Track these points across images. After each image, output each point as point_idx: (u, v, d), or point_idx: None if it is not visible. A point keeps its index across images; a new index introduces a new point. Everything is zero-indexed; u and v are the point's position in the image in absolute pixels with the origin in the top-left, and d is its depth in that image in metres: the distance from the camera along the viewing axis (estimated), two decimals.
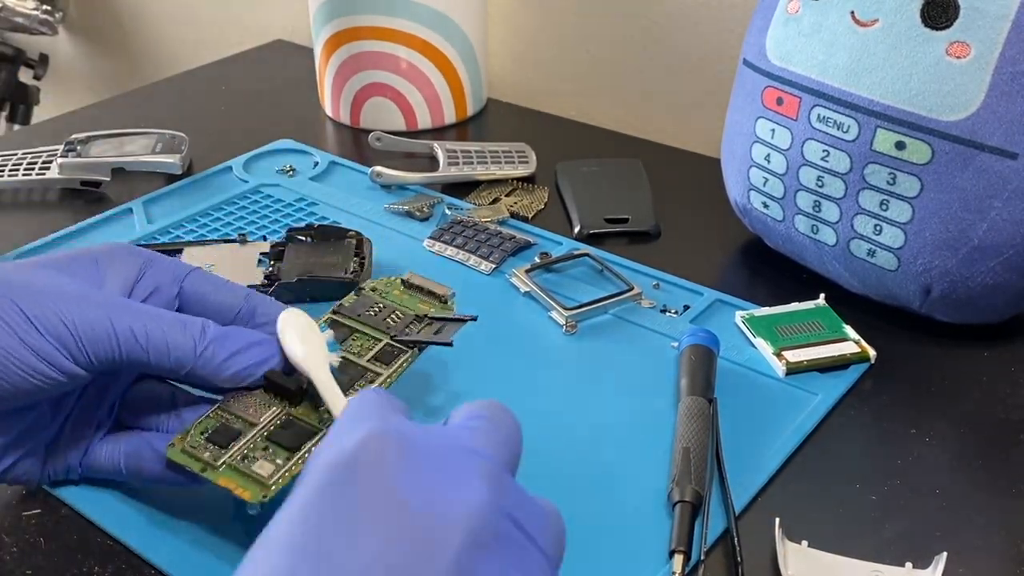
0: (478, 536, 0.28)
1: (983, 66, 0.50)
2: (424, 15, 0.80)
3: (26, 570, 0.42)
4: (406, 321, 0.48)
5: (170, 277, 0.46)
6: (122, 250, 0.45)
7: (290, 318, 0.45)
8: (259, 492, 0.40)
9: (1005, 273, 0.53)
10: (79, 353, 0.40)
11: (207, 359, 0.42)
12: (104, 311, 0.41)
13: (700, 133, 0.86)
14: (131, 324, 0.41)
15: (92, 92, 1.45)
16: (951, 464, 0.49)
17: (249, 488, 0.40)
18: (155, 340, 0.41)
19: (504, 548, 0.28)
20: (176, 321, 0.42)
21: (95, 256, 0.44)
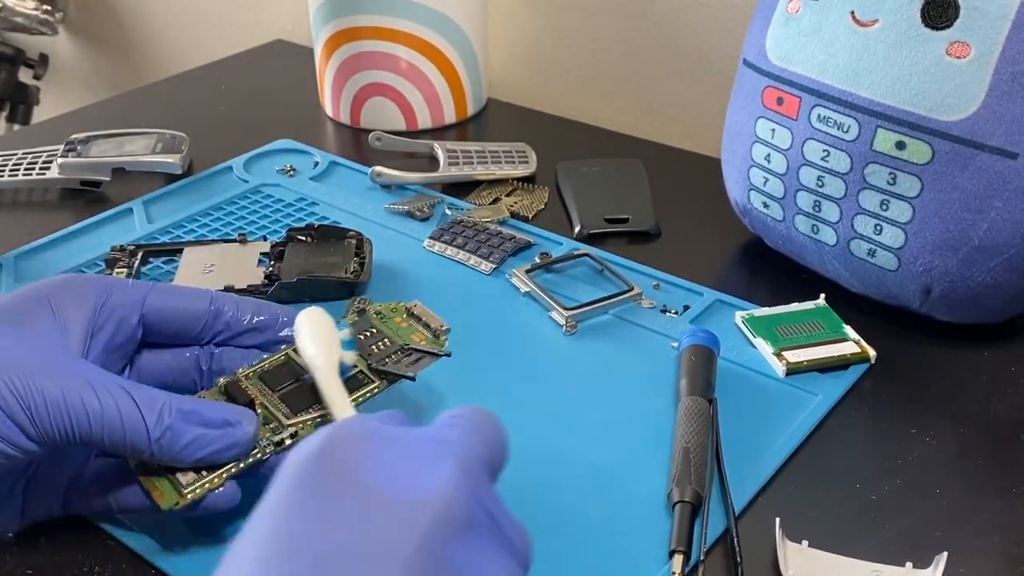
0: (449, 518, 0.28)
1: (983, 66, 0.50)
2: (424, 15, 0.80)
3: (26, 570, 0.42)
4: (390, 350, 0.47)
5: (129, 302, 0.44)
6: (75, 283, 0.44)
7: (308, 316, 0.45)
8: (172, 498, 0.40)
9: (1005, 273, 0.53)
10: (31, 427, 0.38)
11: (163, 447, 0.39)
12: (57, 383, 0.38)
13: (700, 133, 0.86)
14: (84, 401, 0.38)
15: (92, 92, 1.45)
16: (951, 464, 0.49)
17: (165, 492, 0.40)
18: (108, 421, 0.38)
19: (476, 534, 0.28)
20: (129, 400, 0.39)
21: (47, 296, 0.42)
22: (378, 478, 0.28)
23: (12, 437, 0.38)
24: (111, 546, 0.44)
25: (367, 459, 0.29)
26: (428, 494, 0.28)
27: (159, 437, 0.39)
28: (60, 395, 0.38)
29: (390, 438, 0.30)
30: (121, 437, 0.39)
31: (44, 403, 0.38)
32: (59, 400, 0.38)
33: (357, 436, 0.30)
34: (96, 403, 0.38)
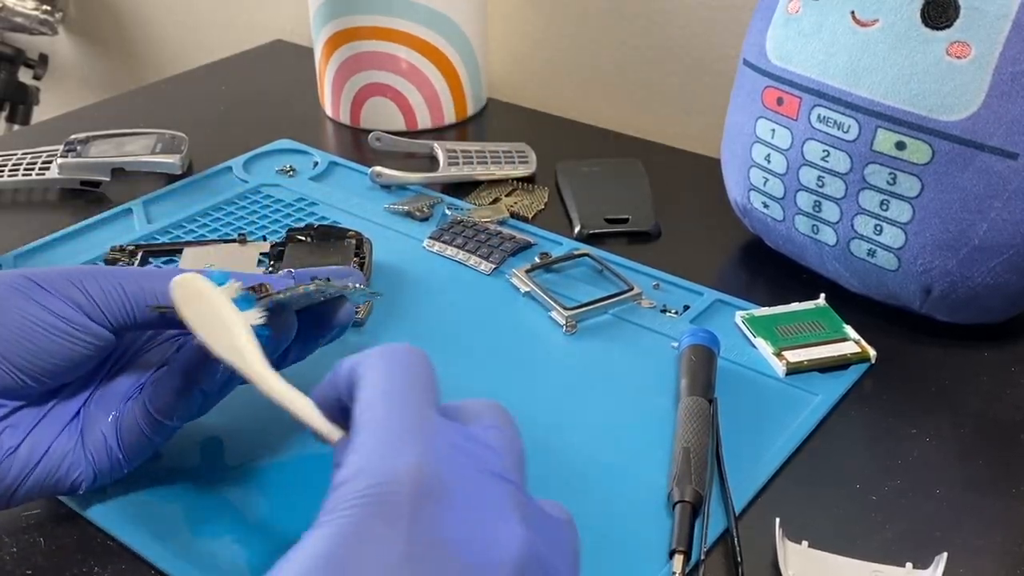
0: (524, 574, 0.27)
1: (983, 66, 0.50)
2: (424, 15, 0.80)
3: (26, 570, 0.42)
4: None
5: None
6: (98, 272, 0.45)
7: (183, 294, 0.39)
8: None
9: (1005, 273, 0.53)
10: (95, 312, 0.41)
11: None
12: (110, 276, 0.42)
13: (700, 133, 0.86)
14: (141, 284, 0.42)
15: (92, 92, 1.45)
16: (951, 464, 0.49)
17: None
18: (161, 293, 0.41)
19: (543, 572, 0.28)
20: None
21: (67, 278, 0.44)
22: (457, 540, 0.27)
23: (77, 319, 0.41)
24: (111, 546, 0.44)
25: (444, 513, 0.28)
26: (502, 559, 0.28)
27: None
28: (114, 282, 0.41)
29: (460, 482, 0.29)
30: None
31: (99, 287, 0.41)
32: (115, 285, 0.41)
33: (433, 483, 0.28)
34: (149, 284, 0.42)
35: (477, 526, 0.28)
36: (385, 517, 0.27)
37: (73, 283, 0.41)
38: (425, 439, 0.29)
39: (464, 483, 0.29)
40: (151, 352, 0.46)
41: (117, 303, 0.41)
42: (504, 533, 0.28)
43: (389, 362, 0.32)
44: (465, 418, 0.33)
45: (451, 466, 0.29)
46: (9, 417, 0.42)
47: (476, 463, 0.30)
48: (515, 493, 0.30)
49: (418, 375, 0.32)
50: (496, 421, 0.33)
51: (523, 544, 0.28)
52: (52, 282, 0.41)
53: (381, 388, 0.31)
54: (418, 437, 0.29)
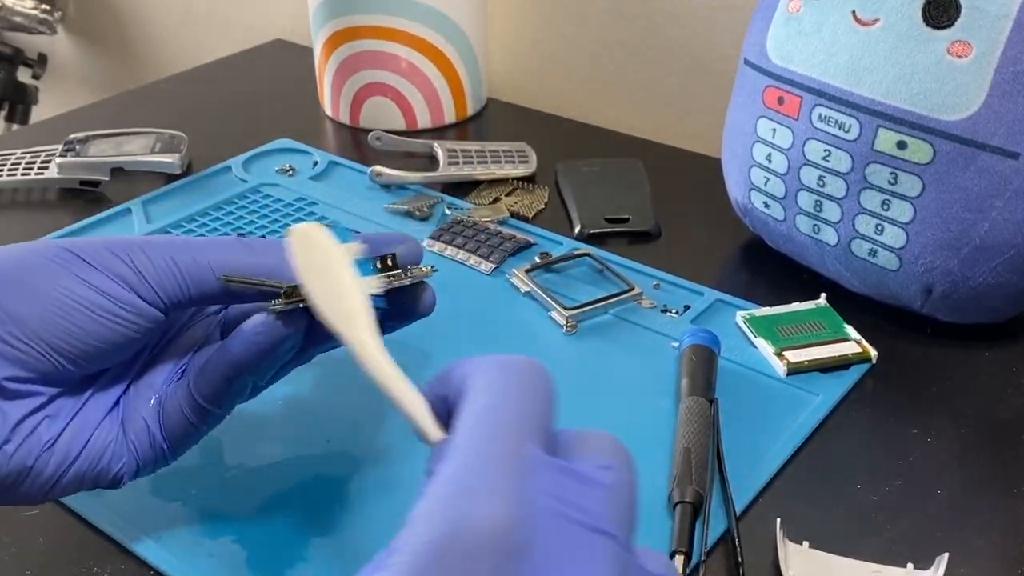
0: None
1: (984, 66, 0.50)
2: (424, 15, 0.79)
3: (26, 570, 0.42)
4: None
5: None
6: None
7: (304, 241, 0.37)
8: None
9: (1006, 273, 0.53)
10: (144, 288, 0.37)
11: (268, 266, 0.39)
12: (160, 248, 0.38)
13: (700, 133, 0.86)
14: (194, 256, 0.38)
15: (91, 92, 1.45)
16: (952, 464, 0.48)
17: None
18: (217, 265, 0.39)
19: None
20: (241, 244, 0.40)
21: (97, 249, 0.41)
22: None
23: (127, 298, 0.37)
24: (111, 546, 0.44)
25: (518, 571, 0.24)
26: None
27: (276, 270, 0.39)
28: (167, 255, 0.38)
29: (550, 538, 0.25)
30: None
31: (149, 262, 0.38)
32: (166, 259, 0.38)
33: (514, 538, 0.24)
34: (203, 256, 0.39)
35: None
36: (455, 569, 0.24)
37: (119, 256, 0.37)
38: (517, 482, 0.26)
39: (554, 538, 0.25)
40: (194, 327, 0.43)
41: (169, 278, 0.38)
42: None
43: (505, 378, 0.29)
44: (578, 451, 0.29)
45: (542, 517, 0.25)
46: (47, 406, 0.38)
47: (574, 512, 0.26)
48: (615, 550, 0.26)
49: (533, 398, 0.29)
50: (612, 461, 0.29)
51: None
52: (96, 255, 0.37)
53: (486, 408, 0.28)
54: (510, 479, 0.25)
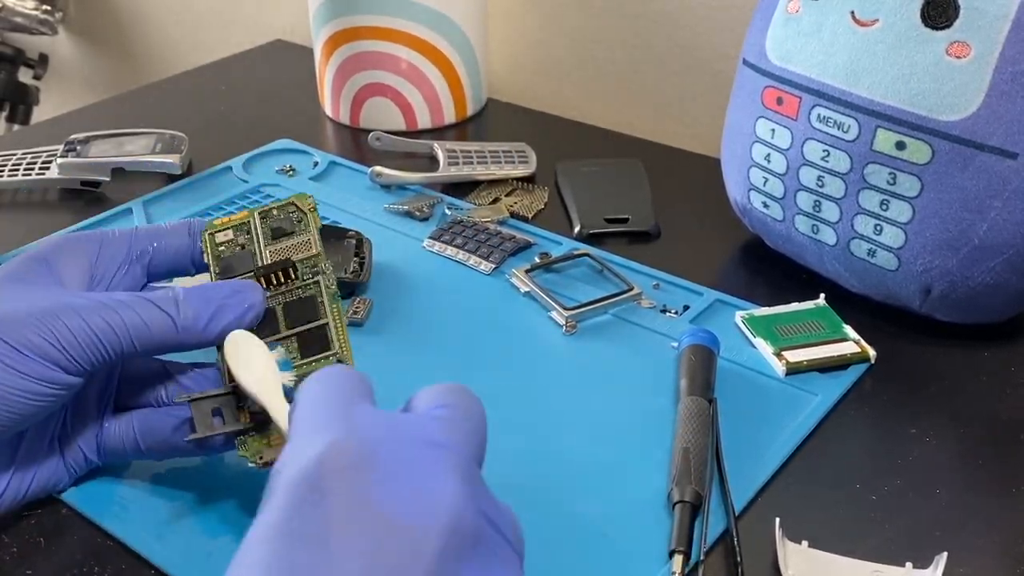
0: (457, 538, 0.27)
1: (983, 66, 0.50)
2: (424, 15, 0.80)
3: (26, 570, 0.42)
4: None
5: (124, 248, 0.46)
6: (70, 241, 0.45)
7: (235, 342, 0.43)
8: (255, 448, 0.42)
9: (1005, 273, 0.53)
10: (69, 363, 0.40)
11: (189, 328, 0.42)
12: (77, 315, 0.40)
13: (700, 133, 0.86)
14: (107, 320, 0.40)
15: (92, 92, 1.45)
16: (951, 464, 0.49)
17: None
18: (134, 328, 0.41)
19: (482, 548, 0.28)
20: (146, 302, 0.42)
21: (44, 256, 0.44)
22: (383, 503, 0.27)
23: (53, 377, 0.40)
24: (111, 546, 0.44)
25: (371, 483, 0.28)
26: (435, 516, 0.27)
27: (183, 322, 0.42)
28: (82, 322, 0.40)
29: (391, 452, 0.29)
30: (149, 337, 0.41)
31: (71, 334, 0.40)
32: (83, 327, 0.40)
33: (357, 454, 0.28)
34: (117, 317, 0.40)
35: (407, 488, 0.28)
36: (311, 496, 0.27)
37: (44, 333, 0.39)
38: (347, 421, 0.30)
39: (394, 450, 0.29)
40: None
41: (89, 346, 0.40)
42: (437, 493, 0.28)
43: (319, 378, 0.34)
44: (413, 404, 0.34)
45: (378, 438, 0.29)
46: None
47: (409, 434, 0.30)
48: (452, 458, 0.29)
49: (348, 383, 0.33)
50: (447, 400, 0.32)
51: (457, 501, 0.28)
52: (25, 339, 0.39)
53: (309, 395, 0.33)
54: (340, 421, 0.30)
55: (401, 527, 0.27)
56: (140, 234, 0.47)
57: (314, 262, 0.47)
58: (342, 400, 0.32)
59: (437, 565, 0.26)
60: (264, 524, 0.28)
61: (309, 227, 0.48)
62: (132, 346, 0.41)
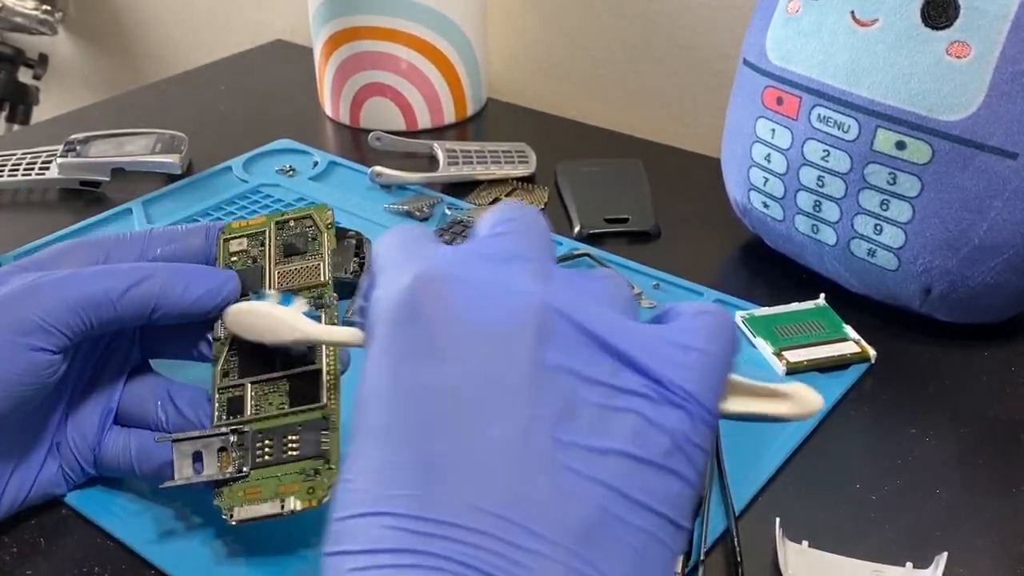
0: (544, 328, 0.28)
1: (983, 66, 0.50)
2: (424, 15, 0.80)
3: (26, 570, 0.42)
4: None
5: (136, 253, 0.46)
6: (81, 244, 0.46)
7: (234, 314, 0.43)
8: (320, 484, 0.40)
9: (1005, 273, 0.53)
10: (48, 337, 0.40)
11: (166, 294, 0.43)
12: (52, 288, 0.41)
13: (700, 133, 0.86)
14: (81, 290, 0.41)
15: (92, 92, 1.45)
16: (951, 464, 0.49)
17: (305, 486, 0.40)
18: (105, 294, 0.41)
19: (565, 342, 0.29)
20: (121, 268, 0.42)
21: (56, 258, 0.45)
22: (473, 315, 0.29)
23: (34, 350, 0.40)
24: (111, 546, 0.44)
25: (457, 297, 0.29)
26: (521, 321, 0.28)
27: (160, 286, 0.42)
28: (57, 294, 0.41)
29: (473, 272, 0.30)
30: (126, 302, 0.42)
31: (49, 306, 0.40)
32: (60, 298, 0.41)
33: (439, 279, 0.30)
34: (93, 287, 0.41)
35: (491, 299, 0.29)
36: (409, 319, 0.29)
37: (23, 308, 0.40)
38: (426, 256, 0.31)
39: (473, 270, 0.30)
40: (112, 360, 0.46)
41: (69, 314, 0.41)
42: (518, 297, 0.29)
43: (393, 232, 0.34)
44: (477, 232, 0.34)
45: (457, 261, 0.31)
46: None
47: (483, 253, 0.31)
48: (527, 264, 0.31)
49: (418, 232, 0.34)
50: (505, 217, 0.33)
51: (540, 299, 0.29)
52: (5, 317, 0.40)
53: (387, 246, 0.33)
54: (420, 258, 0.31)
55: (493, 336, 0.28)
56: (154, 236, 0.47)
57: (320, 292, 0.45)
58: (417, 243, 0.33)
59: (531, 361, 0.28)
60: (376, 355, 0.29)
61: (322, 248, 0.47)
62: (113, 313, 0.41)
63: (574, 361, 0.28)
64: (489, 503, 0.26)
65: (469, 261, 0.31)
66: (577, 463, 0.27)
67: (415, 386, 0.28)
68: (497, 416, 0.27)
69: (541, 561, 0.25)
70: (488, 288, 0.29)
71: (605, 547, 0.26)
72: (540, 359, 0.28)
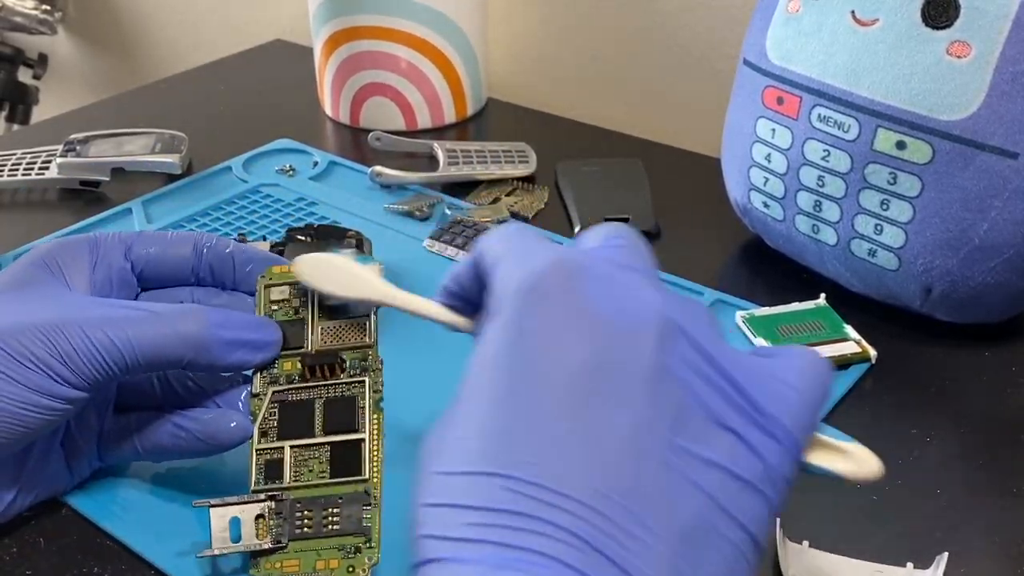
0: (664, 334, 0.29)
1: (984, 66, 0.50)
2: (424, 15, 0.80)
3: (26, 570, 0.42)
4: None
5: (119, 254, 0.45)
6: (67, 245, 0.45)
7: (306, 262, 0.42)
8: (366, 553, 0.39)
9: (1006, 273, 0.53)
10: (73, 377, 0.39)
11: (203, 351, 0.41)
12: (80, 328, 0.39)
13: (700, 133, 0.86)
14: (111, 336, 0.39)
15: (92, 92, 1.45)
16: (951, 464, 0.49)
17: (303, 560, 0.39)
18: (140, 346, 0.40)
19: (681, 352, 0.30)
20: (155, 317, 0.41)
21: (45, 260, 0.43)
22: (599, 308, 0.30)
23: (58, 391, 0.39)
24: (111, 546, 0.44)
25: (588, 290, 0.30)
26: (645, 321, 0.30)
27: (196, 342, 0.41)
28: (85, 337, 0.39)
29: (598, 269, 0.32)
30: (156, 355, 0.40)
31: (73, 349, 0.39)
32: (87, 343, 0.39)
33: (575, 268, 0.31)
34: (123, 334, 0.40)
35: (618, 295, 0.30)
36: (535, 299, 0.30)
37: (47, 345, 0.39)
38: (555, 249, 0.32)
39: (600, 268, 0.32)
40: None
41: (90, 359, 0.39)
42: (643, 300, 0.30)
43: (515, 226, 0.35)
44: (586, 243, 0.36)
45: (586, 258, 0.32)
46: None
47: (607, 257, 0.33)
48: (647, 277, 0.32)
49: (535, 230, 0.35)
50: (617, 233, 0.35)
51: (662, 306, 0.30)
52: (27, 351, 0.38)
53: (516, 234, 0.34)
54: (550, 250, 0.32)
55: (619, 329, 0.29)
56: (141, 238, 0.46)
57: (364, 354, 0.43)
58: (536, 237, 0.34)
59: (654, 351, 0.29)
60: (500, 327, 0.30)
61: (368, 308, 0.44)
62: (138, 363, 0.40)
63: (687, 372, 0.29)
64: (608, 486, 0.27)
65: (597, 259, 0.32)
66: (687, 467, 0.28)
67: (540, 360, 0.29)
68: (620, 404, 0.28)
69: (648, 553, 0.26)
70: (616, 286, 0.31)
71: (701, 553, 0.27)
72: (661, 361, 0.29)
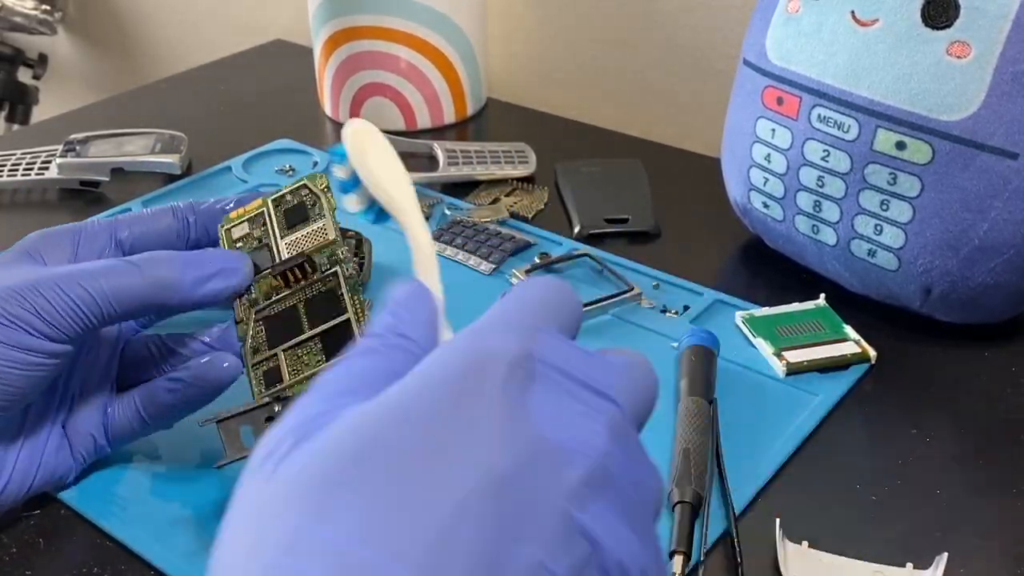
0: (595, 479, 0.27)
1: (983, 66, 0.50)
2: (424, 15, 0.80)
3: (25, 571, 0.42)
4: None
5: (105, 238, 0.46)
6: (50, 234, 0.46)
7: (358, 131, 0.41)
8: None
9: (1006, 273, 0.53)
10: (52, 331, 0.40)
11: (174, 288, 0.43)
12: (56, 284, 0.41)
13: (700, 133, 0.86)
14: (85, 286, 0.41)
15: (91, 92, 1.45)
16: (951, 464, 0.49)
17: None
18: (113, 292, 0.41)
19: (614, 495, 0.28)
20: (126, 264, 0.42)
21: (26, 250, 0.45)
22: (541, 418, 0.27)
23: (39, 346, 0.40)
24: (111, 546, 0.44)
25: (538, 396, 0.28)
26: (580, 449, 0.27)
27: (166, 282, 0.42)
28: (59, 291, 0.41)
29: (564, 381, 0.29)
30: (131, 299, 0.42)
31: (49, 303, 0.40)
32: (62, 295, 0.40)
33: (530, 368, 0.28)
34: (96, 283, 0.41)
35: (565, 415, 0.28)
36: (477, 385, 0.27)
37: (24, 304, 0.40)
38: (528, 337, 0.29)
39: (554, 389, 0.28)
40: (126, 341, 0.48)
41: (68, 312, 0.41)
42: (588, 432, 0.28)
43: (524, 287, 0.33)
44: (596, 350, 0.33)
45: (547, 371, 0.29)
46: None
47: (578, 374, 0.29)
48: (614, 412, 0.29)
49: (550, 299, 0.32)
50: (628, 354, 0.32)
51: (605, 449, 0.27)
52: (3, 311, 0.40)
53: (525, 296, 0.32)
54: (520, 333, 0.29)
55: (547, 441, 0.27)
56: (120, 222, 0.47)
57: (331, 251, 0.45)
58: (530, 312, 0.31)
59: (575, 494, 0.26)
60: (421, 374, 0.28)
61: (323, 210, 0.46)
62: (114, 311, 0.41)
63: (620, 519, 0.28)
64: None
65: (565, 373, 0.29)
66: None
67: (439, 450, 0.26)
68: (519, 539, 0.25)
69: None
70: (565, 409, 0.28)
71: None
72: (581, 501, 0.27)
